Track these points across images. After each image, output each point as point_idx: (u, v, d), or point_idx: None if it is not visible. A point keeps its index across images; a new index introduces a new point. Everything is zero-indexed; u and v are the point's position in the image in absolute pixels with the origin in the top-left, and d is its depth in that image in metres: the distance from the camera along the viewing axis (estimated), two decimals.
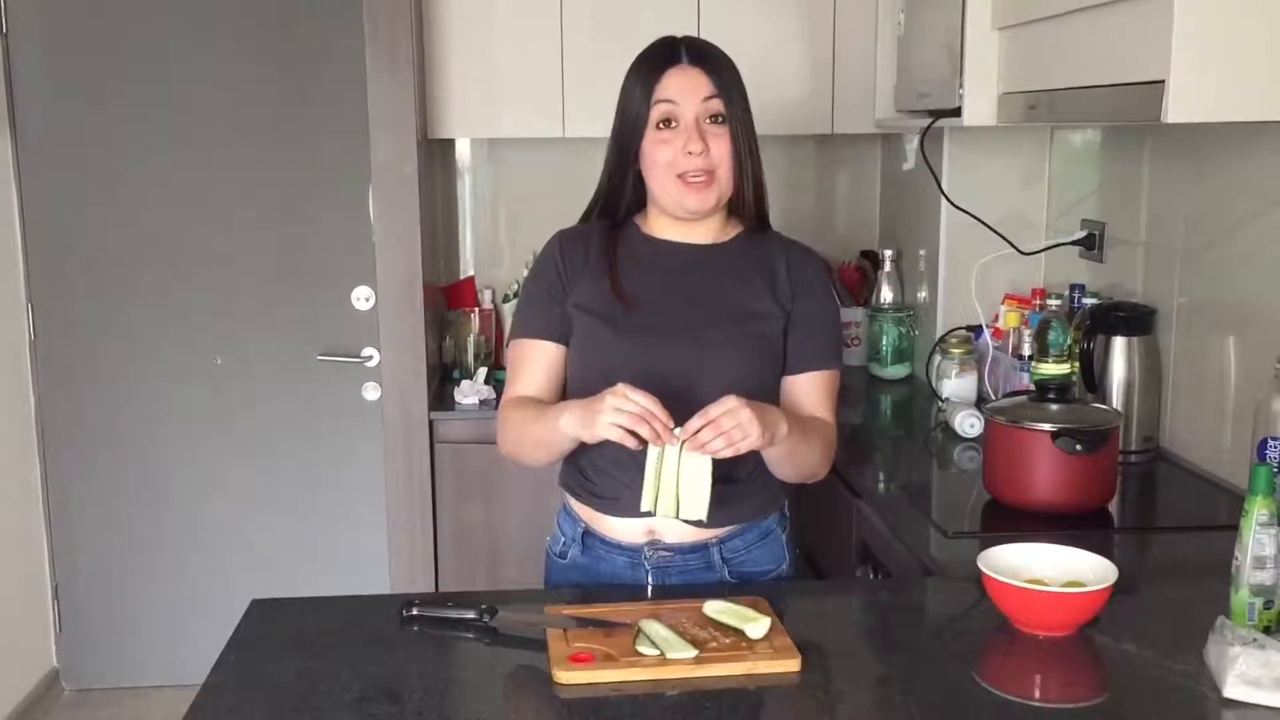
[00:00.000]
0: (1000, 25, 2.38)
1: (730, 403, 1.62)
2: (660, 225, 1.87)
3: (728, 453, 1.62)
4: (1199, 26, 1.69)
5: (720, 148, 1.78)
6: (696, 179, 1.77)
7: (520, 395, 1.85)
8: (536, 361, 1.86)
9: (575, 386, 1.85)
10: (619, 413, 1.60)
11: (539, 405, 1.82)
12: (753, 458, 1.82)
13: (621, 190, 1.86)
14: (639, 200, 1.88)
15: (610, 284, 1.82)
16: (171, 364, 3.36)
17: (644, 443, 1.62)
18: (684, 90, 1.77)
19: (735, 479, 1.79)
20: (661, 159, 1.78)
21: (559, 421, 1.70)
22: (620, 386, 1.62)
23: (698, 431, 1.61)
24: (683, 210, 1.81)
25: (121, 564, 3.44)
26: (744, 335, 1.81)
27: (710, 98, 1.77)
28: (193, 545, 3.44)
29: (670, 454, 1.63)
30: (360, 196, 3.26)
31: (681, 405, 1.74)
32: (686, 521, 1.67)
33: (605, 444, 1.77)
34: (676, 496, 1.63)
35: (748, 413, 1.62)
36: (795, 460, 1.79)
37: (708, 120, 1.78)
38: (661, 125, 1.78)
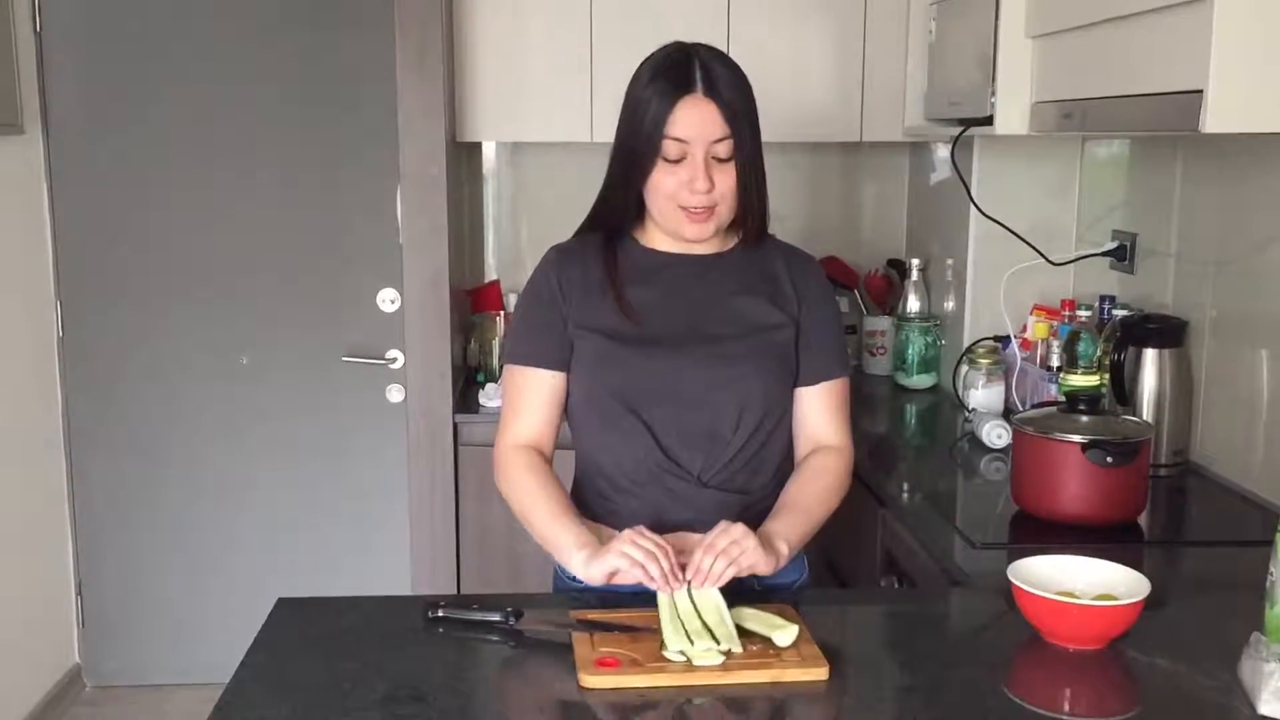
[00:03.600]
0: (1034, 33, 2.36)
1: (735, 532, 1.61)
2: (658, 238, 1.84)
3: (730, 573, 1.60)
4: (1238, 36, 1.68)
5: (725, 184, 1.74)
6: (697, 213, 1.75)
7: (524, 440, 1.81)
8: (537, 393, 1.82)
9: (584, 406, 1.82)
10: (634, 546, 1.59)
11: (556, 487, 1.78)
12: (767, 470, 1.82)
13: (625, 205, 1.82)
14: (638, 214, 1.85)
15: (616, 300, 1.79)
16: (197, 363, 3.38)
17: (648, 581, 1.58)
18: (694, 127, 1.71)
19: (749, 490, 1.79)
20: (665, 189, 1.74)
21: (566, 551, 1.68)
22: (639, 529, 1.62)
23: (699, 565, 1.59)
24: (679, 237, 1.79)
25: (144, 561, 3.45)
26: (759, 346, 1.79)
27: (721, 140, 1.72)
28: (215, 544, 3.45)
29: (680, 596, 1.58)
30: (388, 198, 3.27)
31: (700, 419, 1.75)
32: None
33: (623, 462, 1.78)
34: (711, 634, 1.52)
35: (752, 541, 1.61)
36: (806, 540, 1.79)
37: (714, 158, 1.73)
38: (668, 159, 1.74)
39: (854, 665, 1.53)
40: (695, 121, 1.72)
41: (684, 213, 1.75)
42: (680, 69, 1.74)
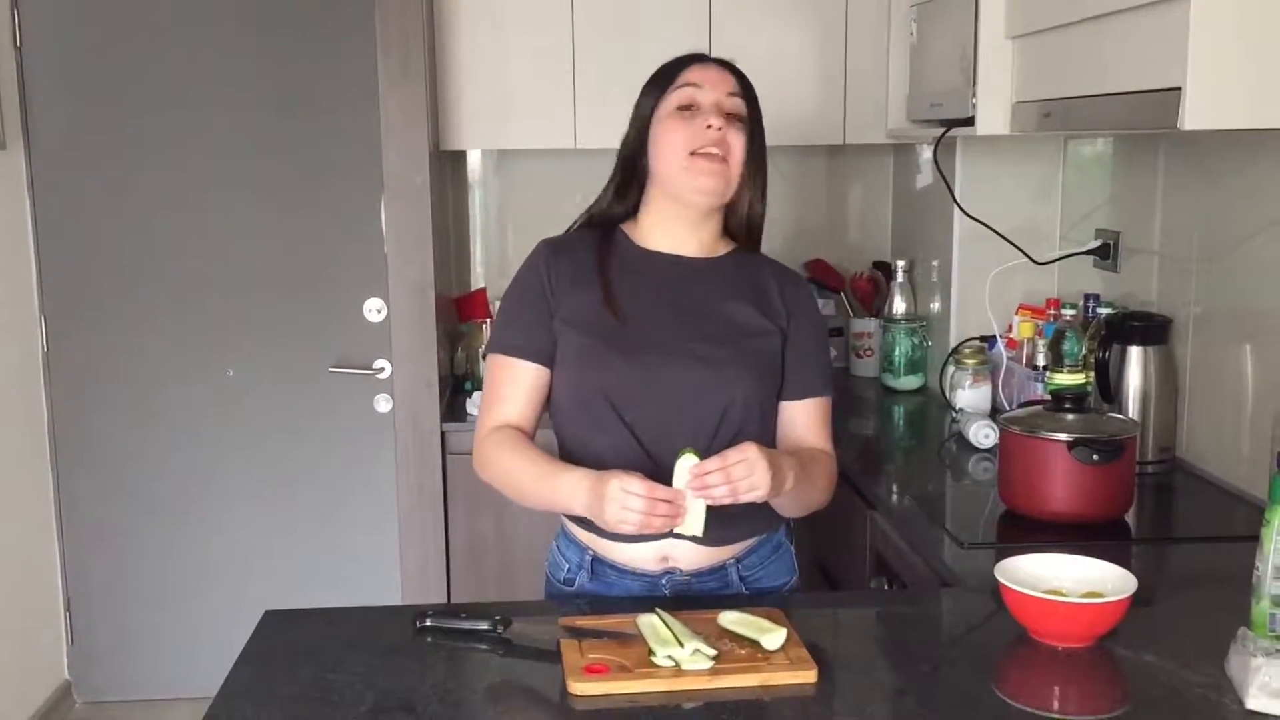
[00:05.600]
0: (1013, 34, 2.37)
1: (750, 451, 1.60)
2: (651, 235, 1.84)
3: (726, 500, 1.61)
4: (1215, 33, 1.68)
5: (736, 143, 1.76)
6: (711, 155, 1.73)
7: (502, 423, 1.81)
8: (517, 384, 1.81)
9: (567, 404, 1.82)
10: (626, 511, 1.59)
11: (530, 451, 1.77)
12: None
13: (626, 197, 1.84)
14: (633, 210, 1.87)
15: (603, 295, 1.79)
16: (183, 376, 3.37)
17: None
18: (709, 79, 1.77)
19: None
20: (678, 138, 1.75)
21: (569, 502, 1.69)
22: (614, 484, 1.59)
23: (708, 474, 1.60)
24: (692, 190, 1.76)
25: (133, 576, 3.44)
26: (743, 351, 1.79)
27: (735, 94, 1.76)
28: (204, 557, 3.43)
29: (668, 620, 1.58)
30: (372, 208, 3.27)
31: (682, 421, 1.74)
32: (680, 536, 1.66)
33: (606, 462, 1.74)
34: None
35: (764, 465, 1.60)
36: (798, 502, 1.78)
37: (728, 114, 1.76)
38: (682, 109, 1.76)
39: (843, 668, 1.53)
40: (710, 75, 1.77)
41: (697, 158, 1.74)
42: (690, 54, 1.82)
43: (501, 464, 1.79)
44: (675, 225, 1.82)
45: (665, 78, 1.80)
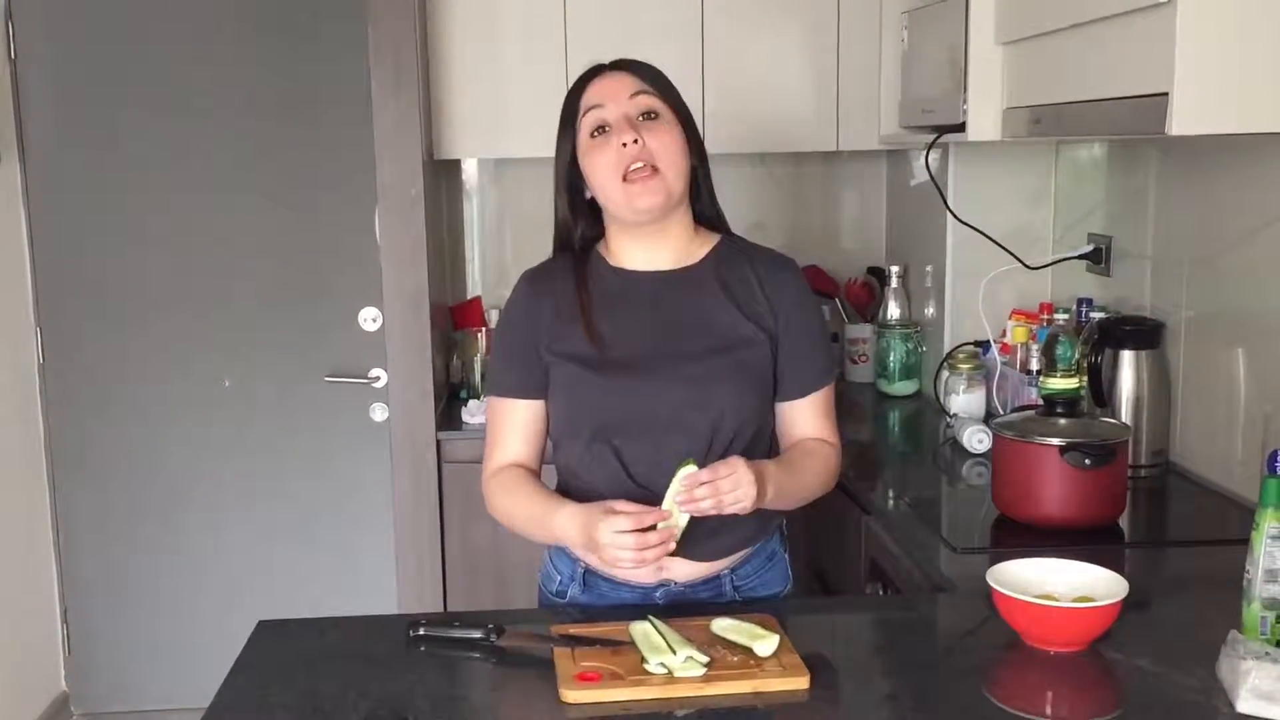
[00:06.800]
0: (1004, 40, 2.38)
1: (738, 466, 1.61)
2: (624, 252, 1.82)
3: (711, 513, 1.62)
4: (1202, 38, 1.69)
5: (657, 140, 1.73)
6: (638, 172, 1.71)
7: (504, 464, 1.83)
8: (514, 424, 1.83)
9: (558, 434, 1.83)
10: (619, 551, 1.61)
11: (528, 487, 1.80)
12: None
13: (574, 224, 1.84)
14: (599, 231, 1.86)
15: (584, 326, 1.78)
16: (179, 387, 3.37)
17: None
18: (609, 92, 1.76)
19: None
20: (600, 163, 1.74)
21: (564, 540, 1.75)
22: (602, 528, 1.61)
23: (699, 486, 1.61)
24: (634, 212, 1.74)
25: (130, 587, 3.43)
26: (728, 365, 1.76)
27: (638, 94, 1.75)
28: (201, 567, 3.43)
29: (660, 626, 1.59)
30: (367, 217, 3.27)
31: (672, 442, 1.73)
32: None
33: (598, 487, 1.76)
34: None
35: (750, 479, 1.61)
36: (790, 501, 1.78)
37: (640, 117, 1.74)
38: (595, 133, 1.76)
39: (836, 673, 1.53)
40: (609, 87, 1.77)
41: (627, 181, 1.72)
42: (591, 68, 1.84)
43: (503, 507, 1.83)
44: (642, 241, 1.81)
45: (571, 111, 1.80)
